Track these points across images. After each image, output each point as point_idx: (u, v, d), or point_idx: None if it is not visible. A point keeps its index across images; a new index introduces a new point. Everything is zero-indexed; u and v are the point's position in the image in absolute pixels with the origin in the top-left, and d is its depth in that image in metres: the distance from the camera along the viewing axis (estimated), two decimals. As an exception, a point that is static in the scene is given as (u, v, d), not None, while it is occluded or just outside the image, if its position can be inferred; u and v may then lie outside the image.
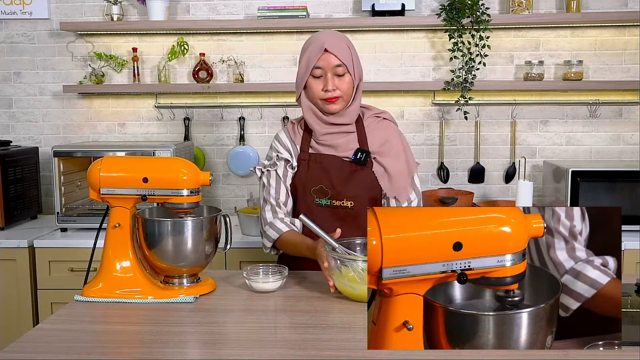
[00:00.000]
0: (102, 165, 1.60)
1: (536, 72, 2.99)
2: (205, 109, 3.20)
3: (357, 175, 1.85)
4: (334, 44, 1.79)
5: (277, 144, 1.94)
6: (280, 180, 1.89)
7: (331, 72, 1.78)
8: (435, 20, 2.92)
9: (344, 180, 1.84)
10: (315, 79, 1.81)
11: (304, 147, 1.90)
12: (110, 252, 1.60)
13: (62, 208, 2.76)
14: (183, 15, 3.15)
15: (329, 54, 1.77)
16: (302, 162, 1.89)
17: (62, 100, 3.22)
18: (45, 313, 2.63)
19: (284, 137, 1.94)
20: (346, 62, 1.79)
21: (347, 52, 1.81)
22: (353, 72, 1.81)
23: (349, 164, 1.85)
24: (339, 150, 1.86)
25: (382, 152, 1.87)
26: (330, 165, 1.85)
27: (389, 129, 1.92)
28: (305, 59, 1.81)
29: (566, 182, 2.68)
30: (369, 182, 1.85)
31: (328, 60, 1.78)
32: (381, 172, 1.86)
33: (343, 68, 1.79)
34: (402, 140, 1.93)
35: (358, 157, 1.83)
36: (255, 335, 1.34)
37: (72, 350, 1.27)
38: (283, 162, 1.90)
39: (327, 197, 1.85)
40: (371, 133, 1.89)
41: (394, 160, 1.87)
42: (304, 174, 1.87)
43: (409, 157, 1.92)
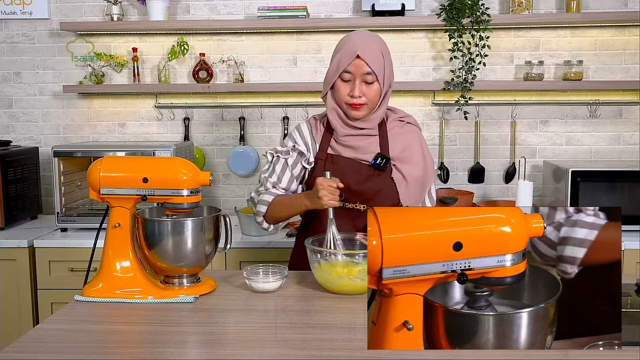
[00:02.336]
0: (102, 165, 1.60)
1: (536, 72, 2.99)
2: (205, 109, 3.20)
3: (374, 180, 1.83)
4: (366, 50, 1.76)
5: (297, 136, 1.91)
6: (287, 168, 1.88)
7: (360, 79, 1.76)
8: (435, 20, 2.92)
9: (360, 184, 1.82)
10: (343, 83, 1.79)
11: (324, 146, 1.88)
12: (110, 252, 1.60)
13: (62, 208, 2.76)
14: (183, 15, 3.15)
15: (360, 60, 1.75)
16: (319, 162, 1.87)
17: (62, 100, 3.22)
18: (45, 313, 2.63)
19: (305, 131, 1.91)
20: (377, 71, 1.76)
21: (380, 59, 1.78)
22: (383, 81, 1.79)
23: (367, 167, 1.83)
24: (359, 152, 1.84)
25: (402, 158, 1.85)
26: (347, 168, 1.83)
27: (412, 134, 1.90)
28: (337, 61, 1.79)
29: (566, 182, 2.68)
30: (386, 188, 1.83)
31: (358, 67, 1.75)
32: (400, 178, 1.84)
33: (372, 76, 1.76)
34: (423, 147, 1.91)
35: (378, 162, 1.82)
36: (255, 335, 1.34)
37: (72, 350, 1.27)
38: (297, 154, 1.88)
39: (340, 198, 1.84)
40: (393, 138, 1.87)
41: (413, 167, 1.86)
42: (319, 173, 1.85)
43: (428, 166, 1.89)
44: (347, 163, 1.84)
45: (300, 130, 1.92)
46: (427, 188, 1.90)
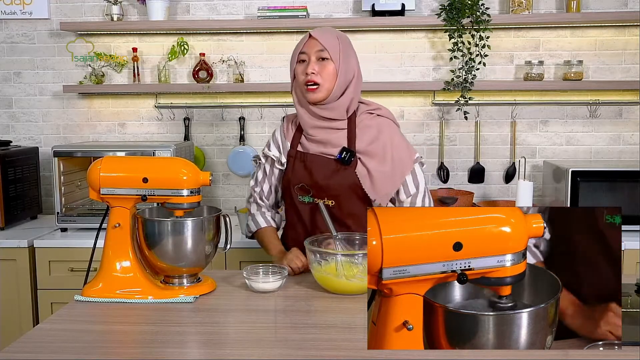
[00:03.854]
0: (102, 165, 1.60)
1: (536, 72, 2.99)
2: (205, 109, 3.20)
3: (340, 174, 1.83)
4: (320, 31, 1.83)
5: (271, 141, 1.98)
6: (266, 176, 1.98)
7: (314, 56, 1.80)
8: (435, 20, 2.92)
9: (323, 180, 1.83)
10: (300, 65, 1.84)
11: (294, 144, 1.91)
12: (110, 252, 1.60)
13: (62, 208, 2.76)
14: (183, 15, 3.15)
15: (312, 39, 1.81)
16: (289, 159, 1.91)
17: (62, 100, 3.22)
18: (45, 313, 2.63)
19: (278, 134, 1.98)
20: (330, 49, 1.79)
21: (334, 42, 1.82)
22: (338, 62, 1.80)
23: (333, 162, 1.84)
24: (327, 147, 1.85)
25: (368, 151, 1.83)
26: (313, 164, 1.85)
27: (381, 127, 1.87)
28: (294, 50, 1.86)
29: (566, 182, 2.68)
30: (351, 183, 1.83)
31: (311, 45, 1.81)
32: (364, 173, 1.82)
33: (326, 53, 1.79)
34: (394, 140, 1.86)
35: (342, 156, 1.82)
36: (255, 335, 1.34)
37: (72, 350, 1.27)
38: (269, 160, 1.96)
39: (309, 195, 1.86)
40: (361, 131, 1.85)
41: (379, 161, 1.83)
42: (289, 172, 1.90)
43: (402, 156, 1.85)
44: (315, 159, 1.85)
45: (274, 135, 1.99)
46: (399, 181, 1.84)
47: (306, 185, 1.86)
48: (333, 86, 1.81)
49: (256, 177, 2.02)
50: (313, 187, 1.85)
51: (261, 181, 2.00)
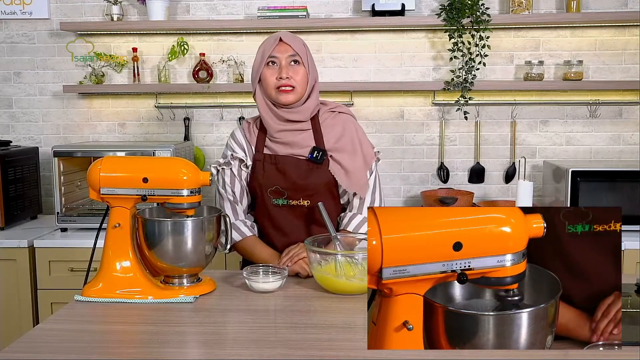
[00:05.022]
0: (102, 165, 1.60)
1: (536, 72, 2.99)
2: (205, 109, 3.20)
3: (313, 174, 1.84)
4: (289, 36, 1.84)
5: (233, 143, 1.94)
6: (235, 178, 1.91)
7: (286, 61, 1.81)
8: (435, 20, 2.92)
9: (300, 180, 1.84)
10: (269, 69, 1.82)
11: (259, 147, 1.89)
12: (110, 252, 1.60)
13: (62, 208, 2.76)
14: (183, 15, 3.15)
15: (283, 44, 1.81)
16: (257, 163, 1.88)
17: (62, 100, 3.22)
18: (45, 313, 2.63)
19: (239, 136, 1.94)
20: (301, 54, 1.81)
21: (303, 47, 1.84)
22: (307, 67, 1.82)
23: (305, 162, 1.84)
24: (295, 148, 1.85)
25: (338, 148, 1.86)
26: (286, 166, 1.84)
27: (345, 123, 1.90)
28: (260, 52, 1.85)
29: (566, 182, 2.68)
30: (326, 181, 1.85)
31: (283, 50, 1.81)
32: (338, 169, 1.85)
33: (298, 57, 1.81)
34: (358, 133, 1.91)
35: (314, 155, 1.83)
36: (255, 335, 1.33)
37: (72, 350, 1.27)
38: (237, 161, 1.91)
39: (283, 197, 1.86)
40: (327, 129, 1.88)
41: (350, 155, 1.86)
42: (260, 175, 1.87)
43: (365, 150, 1.89)
44: (286, 160, 1.85)
45: (235, 136, 1.95)
46: (368, 173, 1.89)
47: (280, 188, 1.85)
48: (304, 89, 1.83)
49: (224, 182, 1.91)
50: (288, 188, 1.84)
51: (231, 184, 1.90)
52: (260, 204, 1.90)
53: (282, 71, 1.79)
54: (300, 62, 1.81)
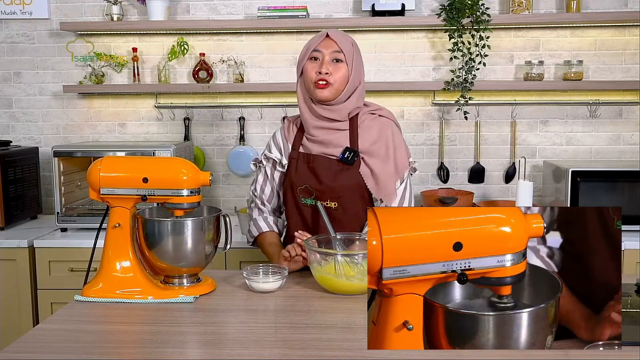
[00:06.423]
0: (102, 165, 1.60)
1: (536, 72, 2.99)
2: (205, 109, 3.20)
3: (343, 175, 1.82)
4: (337, 33, 1.82)
5: (271, 143, 1.97)
6: (267, 179, 1.95)
7: (329, 57, 1.79)
8: (435, 20, 2.92)
9: (330, 181, 1.82)
10: (311, 62, 1.81)
11: (295, 146, 1.90)
12: (110, 252, 1.60)
13: (62, 208, 2.76)
14: (183, 15, 3.15)
15: (329, 40, 1.80)
16: (291, 161, 1.89)
17: (62, 100, 3.22)
18: (45, 313, 2.63)
19: (278, 136, 1.96)
20: (345, 52, 1.79)
21: (350, 46, 1.81)
22: (351, 66, 1.80)
23: (336, 163, 1.83)
24: (329, 147, 1.84)
25: (371, 151, 1.83)
26: (317, 166, 1.84)
27: (383, 127, 1.87)
28: (306, 46, 1.84)
29: (566, 182, 2.68)
30: (355, 183, 1.82)
31: (327, 45, 1.79)
32: (367, 173, 1.82)
33: (341, 55, 1.79)
34: (395, 139, 1.87)
35: (345, 156, 1.81)
36: (255, 335, 1.34)
37: (72, 350, 1.27)
38: (271, 162, 1.93)
39: (312, 197, 1.85)
40: (364, 131, 1.85)
41: (382, 161, 1.83)
42: (292, 173, 1.88)
43: (399, 159, 1.86)
44: (317, 160, 1.85)
45: (275, 136, 1.98)
46: (397, 182, 1.85)
47: (310, 187, 1.84)
48: (342, 89, 1.81)
49: (257, 180, 1.99)
50: (317, 189, 1.83)
51: (262, 184, 1.97)
52: (291, 202, 1.90)
53: (322, 66, 1.78)
54: (344, 60, 1.79)
